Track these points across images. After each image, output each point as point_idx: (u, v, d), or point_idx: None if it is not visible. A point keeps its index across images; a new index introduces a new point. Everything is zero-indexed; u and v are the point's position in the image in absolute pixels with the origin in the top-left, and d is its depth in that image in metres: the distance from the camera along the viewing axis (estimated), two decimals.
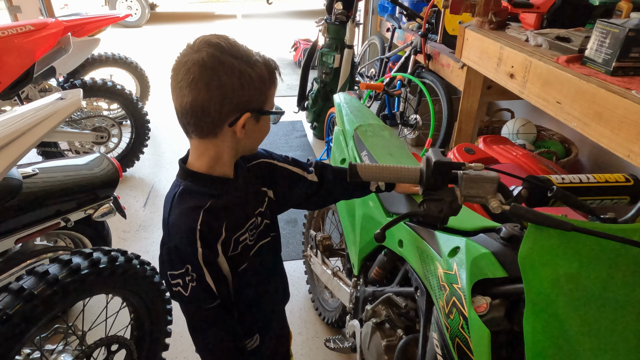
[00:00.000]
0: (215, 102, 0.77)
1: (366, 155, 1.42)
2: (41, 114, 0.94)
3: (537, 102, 1.53)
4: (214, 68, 0.76)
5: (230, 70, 0.77)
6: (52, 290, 1.04)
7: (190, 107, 0.78)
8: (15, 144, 0.87)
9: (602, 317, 0.66)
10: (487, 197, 0.69)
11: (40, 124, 0.92)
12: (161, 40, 6.96)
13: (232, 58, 0.78)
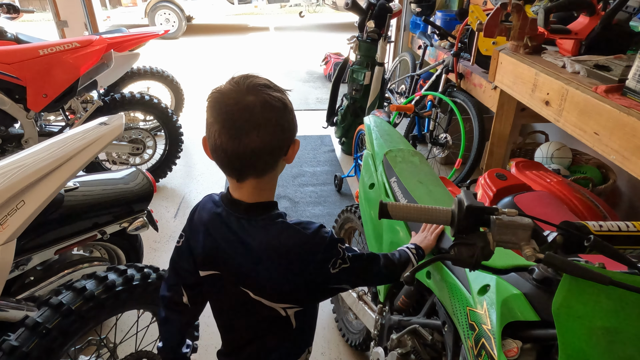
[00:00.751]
0: (283, 140, 0.81)
1: (395, 181, 1.42)
2: (87, 140, 0.99)
3: (574, 132, 1.49)
4: (280, 109, 0.79)
5: (288, 107, 0.82)
6: (89, 306, 1.09)
7: (256, 150, 0.77)
8: (64, 167, 0.92)
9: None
10: (520, 244, 0.68)
11: (87, 148, 0.98)
12: (196, 52, 7.17)
13: (281, 94, 0.82)
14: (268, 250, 0.84)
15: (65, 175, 0.93)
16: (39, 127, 2.65)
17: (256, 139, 0.76)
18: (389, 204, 0.76)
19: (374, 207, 1.48)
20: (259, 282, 0.86)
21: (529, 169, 1.95)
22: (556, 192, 1.77)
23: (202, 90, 5.16)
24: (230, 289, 0.90)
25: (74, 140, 1.00)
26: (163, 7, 8.00)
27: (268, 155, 0.80)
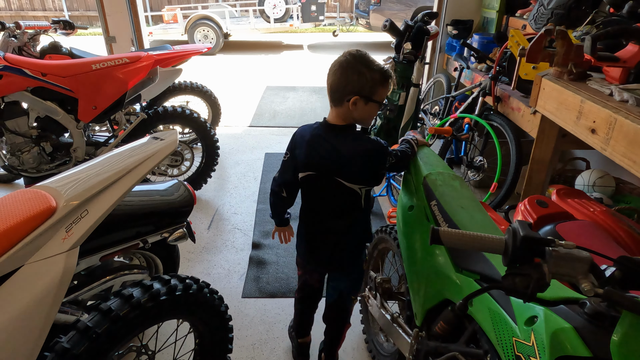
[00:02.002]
0: (341, 85, 1.33)
1: (435, 205, 1.42)
2: (145, 154, 1.05)
3: (622, 162, 1.45)
4: (345, 66, 1.33)
5: (352, 68, 1.32)
6: (135, 313, 1.13)
7: (330, 86, 1.37)
8: (124, 179, 0.98)
9: None
10: (577, 277, 0.67)
11: (144, 162, 1.03)
12: (233, 67, 7.39)
13: (358, 62, 1.32)
14: (355, 152, 1.38)
15: (126, 187, 0.98)
16: (86, 137, 2.78)
17: (330, 78, 1.37)
18: (440, 230, 0.76)
19: (413, 229, 1.48)
20: (349, 173, 1.40)
21: (571, 196, 1.90)
22: (600, 222, 1.72)
23: (238, 105, 5.30)
24: (325, 181, 1.43)
25: (132, 154, 1.06)
26: (202, 24, 8.31)
27: (335, 91, 1.36)
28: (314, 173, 1.44)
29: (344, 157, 1.38)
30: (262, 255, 2.58)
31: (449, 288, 1.23)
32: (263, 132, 4.51)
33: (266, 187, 3.36)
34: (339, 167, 1.40)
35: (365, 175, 1.43)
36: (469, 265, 1.20)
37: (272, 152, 3.99)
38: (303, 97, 5.77)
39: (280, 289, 2.32)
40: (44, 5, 11.15)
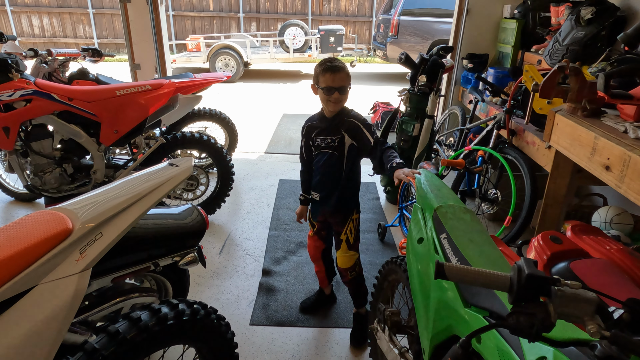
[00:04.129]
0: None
1: (445, 238, 1.41)
2: (160, 179, 1.08)
3: (637, 200, 1.43)
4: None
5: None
6: (142, 337, 1.13)
7: None
8: (139, 203, 1.01)
9: None
10: (584, 318, 0.66)
11: (159, 187, 1.06)
12: (252, 95, 7.57)
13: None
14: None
15: (140, 211, 1.01)
16: (106, 160, 2.87)
17: None
18: (445, 264, 0.76)
19: (422, 262, 1.47)
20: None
21: (587, 233, 1.87)
22: (617, 261, 1.68)
23: (254, 132, 5.40)
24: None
25: (148, 179, 1.09)
26: (224, 53, 8.59)
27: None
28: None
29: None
30: (272, 283, 2.57)
31: (457, 324, 1.21)
32: (278, 159, 4.57)
33: (279, 214, 3.38)
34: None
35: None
36: (478, 301, 1.18)
37: (286, 179, 4.03)
38: None
39: (289, 317, 2.30)
40: (75, 32, 11.71)
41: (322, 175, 2.02)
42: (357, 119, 1.97)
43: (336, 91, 1.87)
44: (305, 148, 2.10)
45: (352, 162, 2.00)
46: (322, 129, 1.98)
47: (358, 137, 1.95)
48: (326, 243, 2.23)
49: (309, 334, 2.20)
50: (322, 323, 2.28)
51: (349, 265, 2.09)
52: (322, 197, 2.04)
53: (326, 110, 1.96)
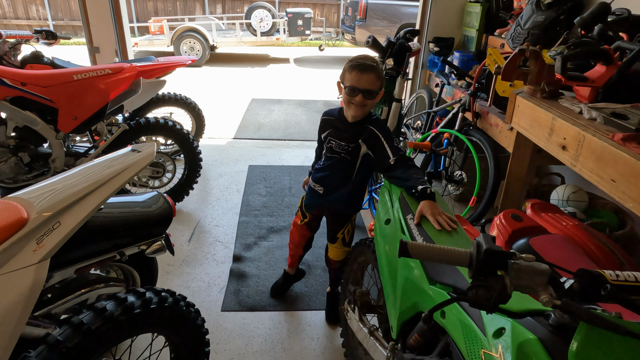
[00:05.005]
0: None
1: (411, 218, 1.44)
2: (121, 166, 1.04)
3: (590, 178, 1.50)
4: None
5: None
6: (108, 327, 1.11)
7: None
8: (98, 191, 0.97)
9: None
10: (537, 289, 0.70)
11: (120, 174, 1.02)
12: (219, 80, 7.40)
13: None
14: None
15: (100, 199, 0.98)
16: (66, 148, 2.75)
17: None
18: (408, 243, 0.78)
19: (389, 243, 1.50)
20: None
21: (545, 211, 1.95)
22: (572, 236, 1.77)
23: (222, 117, 5.30)
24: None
25: (108, 166, 1.05)
26: (189, 36, 8.33)
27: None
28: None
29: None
30: (243, 268, 2.57)
31: (422, 301, 1.25)
32: (247, 145, 4.52)
33: (249, 200, 3.35)
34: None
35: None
36: (443, 278, 1.22)
37: (256, 165, 4.00)
38: (288, 110, 5.81)
39: (261, 302, 2.31)
40: (28, 14, 11.05)
41: (330, 174, 1.87)
42: (379, 129, 1.74)
43: (360, 93, 1.65)
44: (318, 139, 1.95)
45: (364, 170, 1.85)
46: (338, 130, 1.81)
47: (377, 150, 1.74)
48: (313, 232, 2.20)
49: (281, 318, 2.22)
50: (293, 306, 2.30)
51: (340, 259, 2.09)
52: (325, 192, 1.91)
53: (347, 113, 1.76)
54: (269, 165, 3.99)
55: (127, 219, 1.66)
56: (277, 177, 3.76)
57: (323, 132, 1.88)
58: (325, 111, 1.91)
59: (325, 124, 1.88)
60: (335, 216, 2.01)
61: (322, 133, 1.89)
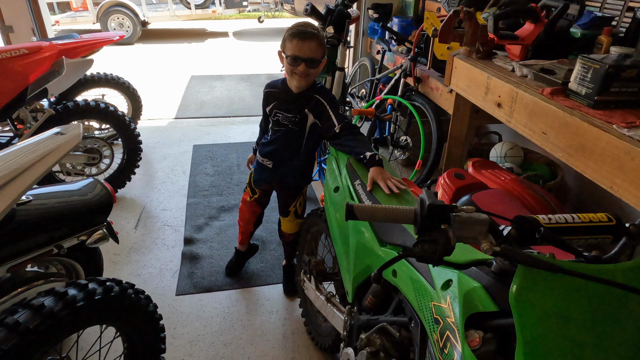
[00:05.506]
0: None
1: (359, 184, 1.45)
2: (42, 150, 0.95)
3: (524, 132, 1.58)
4: None
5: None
6: (48, 324, 1.04)
7: None
8: (17, 180, 0.88)
9: (590, 354, 0.69)
10: (478, 238, 0.72)
11: (42, 160, 0.93)
12: (153, 57, 7.00)
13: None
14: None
15: (19, 189, 0.88)
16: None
17: None
18: (355, 205, 0.78)
19: (339, 210, 1.51)
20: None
21: (485, 168, 2.04)
22: (510, 189, 1.87)
23: (161, 97, 5.04)
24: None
25: (27, 151, 0.96)
26: (116, 11, 7.75)
27: None
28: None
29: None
30: (195, 250, 2.50)
31: (374, 262, 1.27)
32: (190, 124, 4.34)
33: (196, 181, 3.25)
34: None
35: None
36: (392, 239, 1.25)
37: (201, 144, 3.86)
38: (231, 85, 5.63)
39: (216, 282, 2.27)
40: None
41: (279, 147, 1.83)
42: (325, 97, 1.72)
43: (303, 62, 1.60)
44: (263, 113, 1.91)
45: (313, 140, 1.82)
46: (283, 102, 1.76)
47: (323, 118, 1.73)
48: (263, 208, 2.17)
49: (238, 295, 2.20)
50: (250, 283, 2.28)
51: (294, 231, 2.08)
52: (275, 166, 1.87)
53: (291, 84, 1.72)
54: (215, 144, 3.87)
55: (61, 210, 1.54)
56: (224, 156, 3.66)
57: (268, 106, 1.82)
58: (267, 84, 1.85)
59: (269, 97, 1.82)
60: (287, 190, 1.98)
61: (267, 106, 1.83)
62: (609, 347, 0.69)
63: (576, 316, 0.69)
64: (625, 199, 1.18)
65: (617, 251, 0.79)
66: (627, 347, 0.70)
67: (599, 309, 0.70)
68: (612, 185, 1.21)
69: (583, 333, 0.69)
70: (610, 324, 0.70)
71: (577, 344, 0.69)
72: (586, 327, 0.69)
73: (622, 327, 0.70)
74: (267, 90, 1.82)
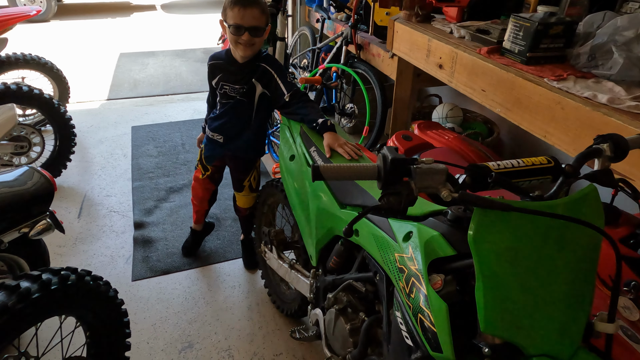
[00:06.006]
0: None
1: (315, 150, 1.47)
2: None
3: (465, 91, 1.67)
4: None
5: None
6: (2, 320, 0.98)
7: None
8: None
9: (541, 278, 0.77)
10: (438, 187, 0.77)
11: None
12: (75, 35, 6.44)
13: None
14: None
15: None
16: None
17: None
18: (320, 166, 0.80)
19: (297, 178, 1.53)
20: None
21: (430, 129, 2.14)
22: (454, 147, 1.98)
23: (89, 77, 4.69)
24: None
25: None
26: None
27: None
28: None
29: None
30: (147, 234, 2.42)
31: (336, 224, 1.31)
32: (125, 105, 4.10)
33: (140, 164, 3.11)
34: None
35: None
36: (351, 200, 1.29)
37: (140, 125, 3.68)
38: (165, 62, 5.35)
39: (174, 263, 2.23)
40: None
41: (228, 120, 1.79)
42: (271, 65, 1.70)
43: (246, 31, 1.56)
44: (209, 87, 1.84)
45: (263, 111, 1.79)
46: (229, 73, 1.72)
47: (271, 87, 1.70)
48: (217, 185, 2.13)
49: (198, 274, 2.18)
50: (209, 260, 2.27)
51: (250, 205, 2.06)
52: (226, 140, 1.83)
53: (236, 54, 1.67)
54: (155, 124, 3.70)
55: None
56: (167, 135, 3.52)
57: (213, 78, 1.77)
58: (211, 55, 1.79)
59: (214, 69, 1.76)
60: (240, 164, 1.96)
61: (213, 79, 1.78)
62: (553, 271, 0.78)
63: (525, 248, 0.77)
64: (557, 145, 1.30)
65: (556, 189, 0.88)
66: (567, 269, 0.79)
67: (543, 240, 0.78)
68: (545, 134, 1.33)
69: (531, 262, 0.77)
70: (553, 252, 0.79)
71: (527, 271, 0.77)
72: (533, 257, 0.78)
73: (563, 254, 0.79)
74: (212, 62, 1.77)
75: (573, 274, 0.79)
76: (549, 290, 0.78)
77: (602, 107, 1.19)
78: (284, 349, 1.81)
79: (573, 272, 0.79)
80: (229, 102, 1.77)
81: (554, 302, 0.78)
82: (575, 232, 0.79)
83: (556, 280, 0.78)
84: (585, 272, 0.81)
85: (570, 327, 0.79)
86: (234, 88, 1.73)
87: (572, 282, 0.79)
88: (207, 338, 1.85)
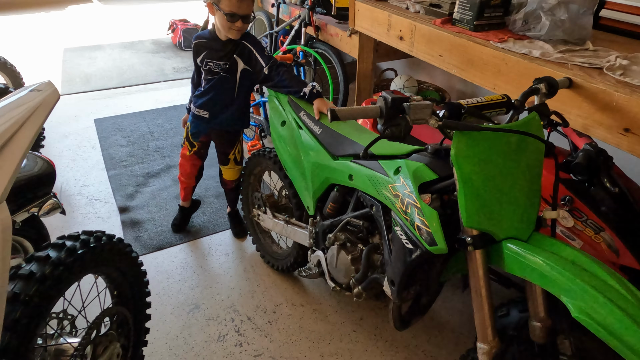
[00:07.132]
0: None
1: (305, 114, 1.68)
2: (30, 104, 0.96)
3: (425, 58, 1.93)
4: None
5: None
6: (59, 272, 1.12)
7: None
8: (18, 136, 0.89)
9: (504, 181, 1.04)
10: (427, 119, 1.01)
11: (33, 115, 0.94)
12: (6, 32, 6.10)
13: None
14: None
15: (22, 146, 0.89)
16: None
17: None
18: (336, 109, 1.01)
19: (289, 141, 1.72)
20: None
21: None
22: None
23: (35, 74, 4.54)
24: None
25: (12, 108, 0.96)
26: None
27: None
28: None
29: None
30: (134, 216, 2.52)
31: (331, 174, 1.53)
32: (81, 99, 4.04)
33: (111, 154, 3.14)
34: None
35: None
36: (343, 152, 1.52)
37: (103, 117, 3.67)
38: (114, 55, 5.25)
39: (166, 239, 2.35)
40: None
41: (213, 95, 1.95)
42: (249, 41, 1.87)
43: (241, 19, 1.74)
44: (195, 66, 2.00)
45: (245, 86, 1.95)
46: (213, 50, 1.87)
47: (251, 62, 1.87)
48: (203, 160, 2.26)
49: (191, 247, 2.33)
50: (200, 234, 2.41)
51: (235, 177, 2.23)
52: (211, 115, 1.99)
53: (220, 34, 1.84)
54: (119, 115, 3.70)
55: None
56: (133, 125, 3.55)
57: (198, 56, 1.92)
58: (195, 35, 1.94)
59: (199, 48, 1.91)
60: (225, 138, 2.11)
61: (197, 57, 1.92)
62: (513, 174, 1.05)
63: (493, 159, 1.04)
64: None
65: (509, 120, 1.16)
66: (523, 172, 1.07)
67: (505, 152, 1.05)
68: (494, 87, 1.62)
69: (497, 169, 1.04)
70: (513, 160, 1.06)
71: (495, 176, 1.04)
72: (499, 165, 1.04)
73: (519, 161, 1.06)
74: (197, 41, 1.91)
75: (527, 175, 1.07)
76: (511, 188, 1.05)
77: (536, 60, 1.49)
78: (283, 299, 2.02)
79: (527, 174, 1.07)
80: (213, 78, 1.92)
81: (515, 197, 1.05)
82: (526, 145, 1.07)
83: (516, 181, 1.05)
84: (535, 174, 1.09)
85: (528, 215, 1.07)
86: (218, 64, 1.88)
87: (527, 182, 1.07)
88: (211, 299, 2.02)
